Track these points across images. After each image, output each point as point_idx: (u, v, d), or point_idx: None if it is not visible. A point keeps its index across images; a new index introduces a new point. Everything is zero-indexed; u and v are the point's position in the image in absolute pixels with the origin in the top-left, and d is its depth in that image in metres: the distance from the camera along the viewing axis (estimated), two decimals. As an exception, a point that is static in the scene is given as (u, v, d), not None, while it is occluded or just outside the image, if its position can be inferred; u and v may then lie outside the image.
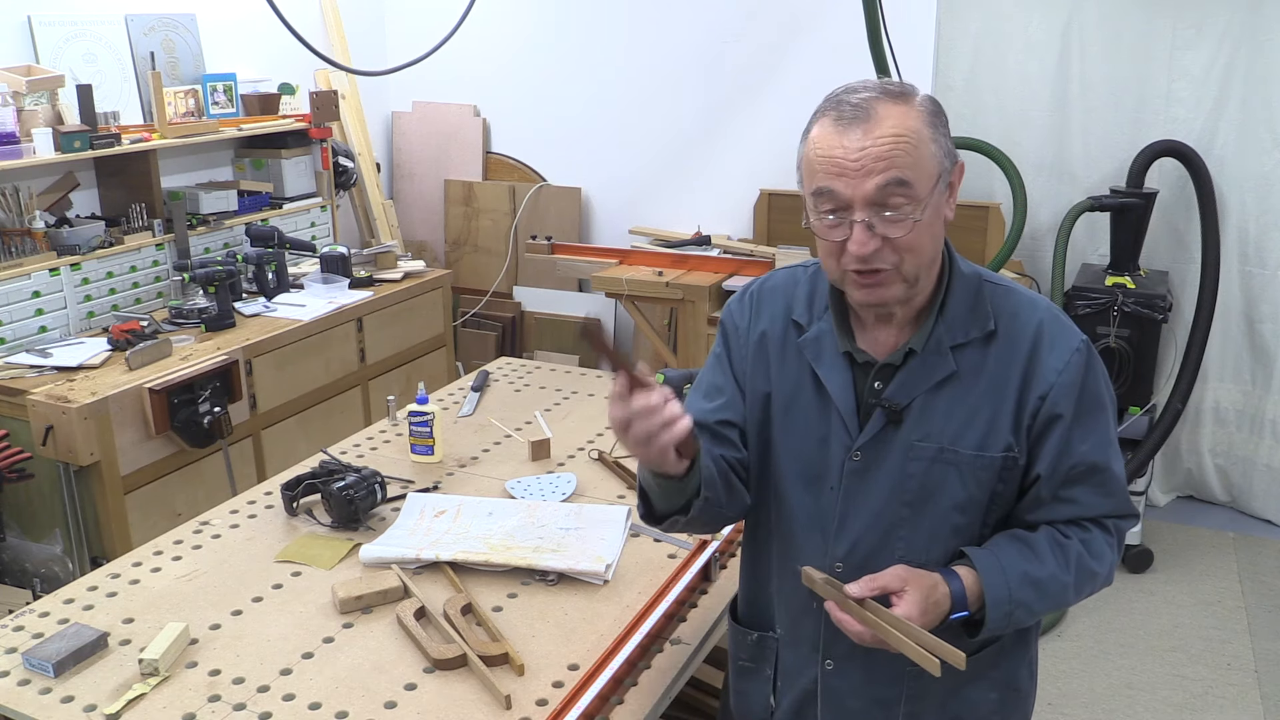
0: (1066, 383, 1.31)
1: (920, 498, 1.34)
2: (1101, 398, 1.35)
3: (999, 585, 1.29)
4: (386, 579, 1.80)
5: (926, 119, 1.25)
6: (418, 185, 5.25)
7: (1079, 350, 1.32)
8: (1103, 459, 1.34)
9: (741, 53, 4.43)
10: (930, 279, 1.33)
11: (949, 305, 1.34)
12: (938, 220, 1.28)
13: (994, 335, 1.33)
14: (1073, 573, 1.33)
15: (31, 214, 3.29)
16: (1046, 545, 1.34)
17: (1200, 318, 3.78)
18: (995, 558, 1.32)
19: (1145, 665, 3.19)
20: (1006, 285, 1.38)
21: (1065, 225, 3.77)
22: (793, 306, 1.44)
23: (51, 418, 2.78)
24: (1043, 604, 1.33)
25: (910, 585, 1.27)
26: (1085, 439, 1.32)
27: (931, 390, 1.33)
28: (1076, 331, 1.35)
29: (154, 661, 1.56)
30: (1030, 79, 4.06)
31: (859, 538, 1.37)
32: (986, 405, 1.32)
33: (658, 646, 1.68)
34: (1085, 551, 1.34)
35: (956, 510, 1.34)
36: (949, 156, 1.28)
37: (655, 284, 3.96)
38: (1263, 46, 3.71)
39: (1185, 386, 3.79)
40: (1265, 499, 4.08)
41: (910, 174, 1.22)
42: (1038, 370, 1.31)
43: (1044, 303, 1.38)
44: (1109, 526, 1.38)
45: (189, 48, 4.04)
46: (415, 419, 2.34)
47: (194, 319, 3.43)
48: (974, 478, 1.33)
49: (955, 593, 1.29)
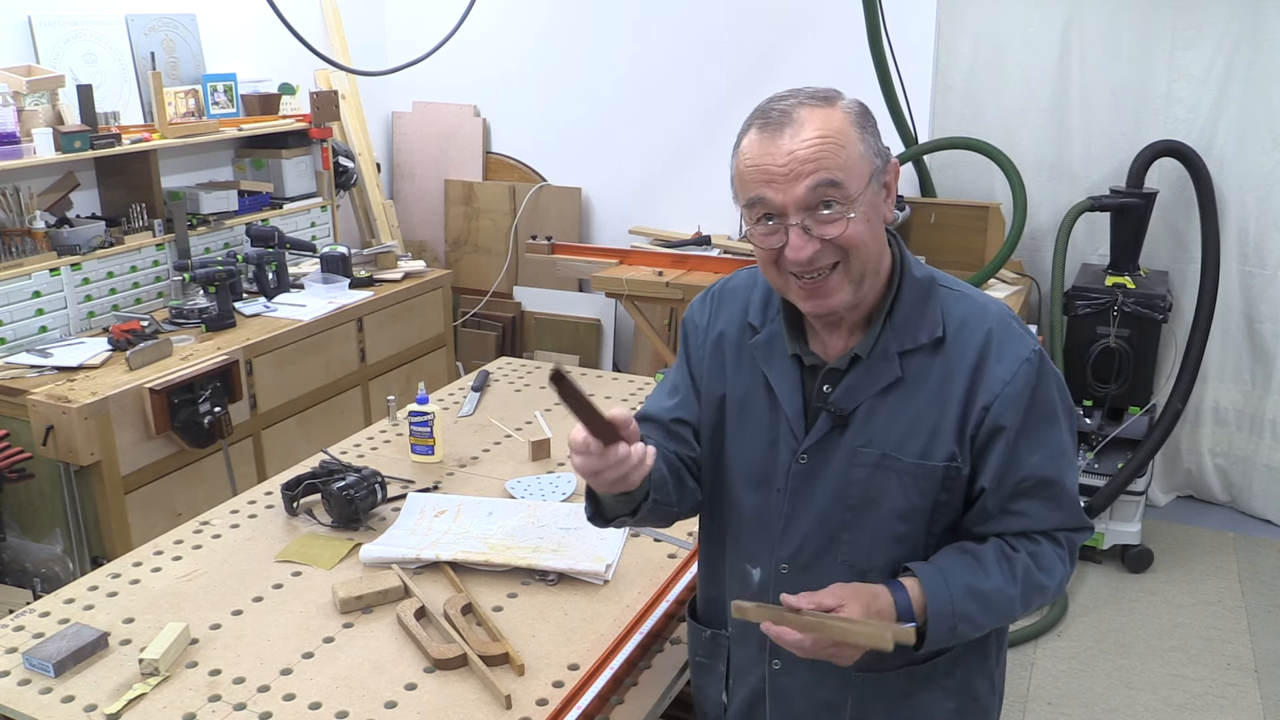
0: (1012, 394, 1.28)
1: (863, 503, 1.33)
2: (1053, 408, 1.32)
3: (942, 598, 1.28)
4: (386, 579, 1.80)
5: (853, 119, 1.25)
6: (418, 185, 5.25)
7: (1028, 360, 1.29)
8: (1053, 472, 1.31)
9: (742, 52, 4.43)
10: (878, 282, 1.32)
11: (897, 310, 1.32)
12: (876, 219, 1.27)
13: (942, 342, 1.31)
14: (1019, 586, 1.31)
15: (32, 214, 3.29)
16: (993, 558, 1.32)
17: (1200, 318, 3.77)
18: (939, 570, 1.30)
19: (1145, 665, 3.19)
20: (961, 290, 1.36)
21: (1065, 225, 3.77)
22: (749, 308, 1.44)
23: (52, 418, 2.79)
24: (987, 617, 1.31)
25: (848, 599, 1.26)
26: (1034, 451, 1.30)
27: (877, 396, 1.32)
28: (1029, 341, 1.31)
29: (154, 661, 1.56)
30: (1030, 79, 4.05)
31: (804, 540, 1.37)
32: (931, 413, 1.30)
33: (658, 646, 1.68)
34: (1033, 564, 1.32)
35: (898, 518, 1.33)
36: (880, 156, 1.27)
37: (655, 284, 3.96)
38: (1263, 46, 3.71)
39: (1185, 386, 3.79)
40: (1265, 499, 4.08)
41: (839, 174, 1.23)
42: (983, 380, 1.29)
43: (997, 309, 1.34)
44: (1060, 539, 1.35)
45: (189, 48, 4.04)
46: (415, 419, 2.34)
47: (194, 319, 3.43)
48: (915, 486, 1.31)
49: (900, 604, 1.28)
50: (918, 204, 4.02)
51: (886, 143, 1.31)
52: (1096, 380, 3.75)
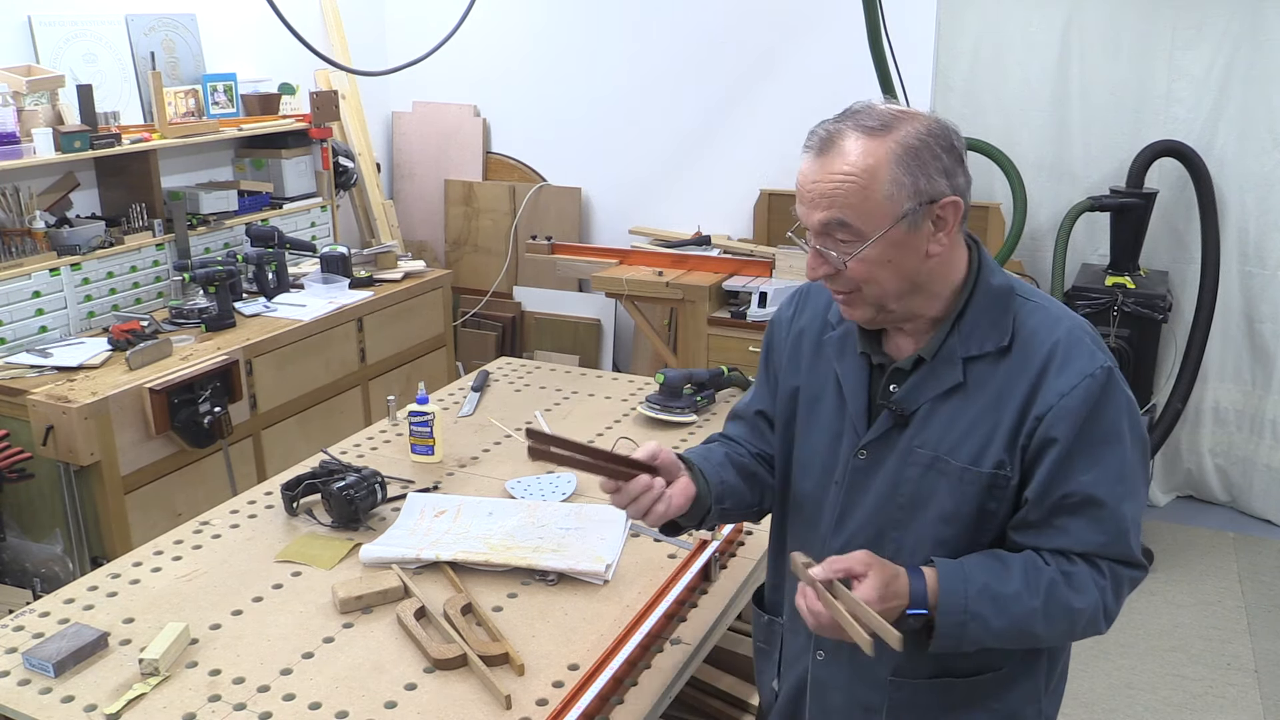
0: (1069, 407, 1.26)
1: (913, 503, 1.34)
2: (1118, 431, 1.27)
3: (956, 592, 1.26)
4: (386, 579, 1.80)
5: (897, 157, 1.23)
6: (418, 185, 5.25)
7: (1092, 376, 1.26)
8: (1105, 494, 1.27)
9: (741, 53, 4.43)
10: (940, 294, 1.33)
11: (966, 317, 1.33)
12: (905, 256, 1.27)
13: (1008, 351, 1.31)
14: (1041, 598, 1.27)
15: (32, 214, 3.29)
16: (1020, 565, 1.29)
17: (1200, 318, 3.78)
18: (960, 566, 1.29)
19: (1145, 665, 3.19)
20: (1038, 302, 1.35)
21: (1065, 225, 3.77)
22: (831, 306, 1.46)
23: (52, 418, 2.79)
24: (1002, 622, 1.27)
25: (873, 570, 1.25)
26: (1088, 469, 1.26)
27: (937, 399, 1.33)
28: (1100, 357, 1.28)
29: (154, 661, 1.56)
30: (1030, 79, 4.06)
31: (854, 534, 1.39)
32: (987, 420, 1.30)
33: (658, 646, 1.68)
34: (1062, 582, 1.28)
35: (943, 521, 1.33)
36: (918, 196, 1.24)
37: (655, 284, 3.96)
38: (1263, 46, 3.71)
39: (1185, 386, 3.79)
40: (1265, 499, 4.08)
41: (851, 215, 1.24)
42: (1041, 390, 1.28)
43: (1071, 323, 1.32)
44: (1101, 567, 1.29)
45: (189, 48, 4.04)
46: (415, 419, 2.34)
47: (194, 319, 3.43)
48: (961, 491, 1.31)
49: (915, 589, 1.27)
50: (918, 204, 4.02)
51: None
52: (1096, 380, 3.74)
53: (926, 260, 1.29)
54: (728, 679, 2.14)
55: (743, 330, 3.85)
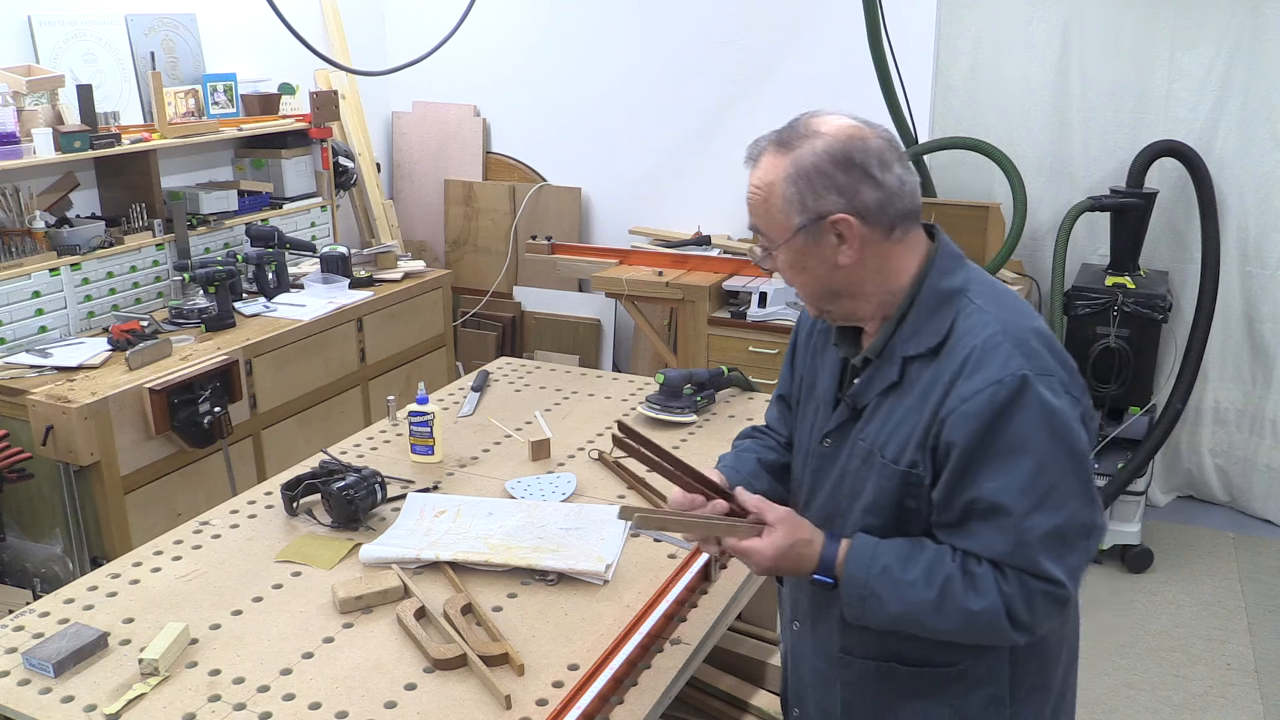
0: (969, 412, 1.26)
1: (851, 493, 1.41)
2: (1024, 439, 1.25)
3: (860, 566, 1.33)
4: (386, 579, 1.80)
5: (786, 176, 1.32)
6: (418, 185, 5.25)
7: (999, 384, 1.26)
8: (1010, 504, 1.26)
9: (742, 52, 4.43)
10: (865, 303, 1.39)
11: (909, 318, 1.37)
12: (815, 264, 1.35)
13: (939, 352, 1.33)
14: (935, 592, 1.28)
15: (31, 214, 3.29)
16: (927, 557, 1.31)
17: (1200, 318, 3.77)
18: (874, 544, 1.35)
19: (1145, 665, 3.19)
20: (981, 305, 1.34)
21: (1065, 225, 3.77)
22: None
23: (51, 418, 2.78)
24: (897, 606, 1.30)
25: (781, 527, 1.37)
26: (993, 477, 1.26)
27: (880, 395, 1.39)
28: (1013, 365, 1.26)
29: (154, 661, 1.56)
30: (1030, 79, 4.05)
31: (814, 515, 1.47)
32: (911, 418, 1.34)
33: (658, 646, 1.68)
34: (961, 580, 1.28)
35: (867, 512, 1.38)
36: (807, 212, 1.31)
37: (655, 284, 3.96)
38: (1263, 46, 3.71)
39: (1185, 386, 3.79)
40: (1265, 499, 4.08)
41: (760, 222, 1.37)
42: (951, 394, 1.29)
43: (1001, 327, 1.30)
44: (1008, 574, 1.28)
45: (189, 48, 4.04)
46: (415, 419, 2.33)
47: (194, 319, 3.43)
48: (881, 485, 1.36)
49: (826, 555, 1.36)
50: (918, 204, 4.01)
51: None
52: (1097, 380, 3.75)
53: (838, 270, 1.35)
54: (728, 679, 2.14)
55: (743, 330, 3.85)
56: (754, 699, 2.10)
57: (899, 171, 1.32)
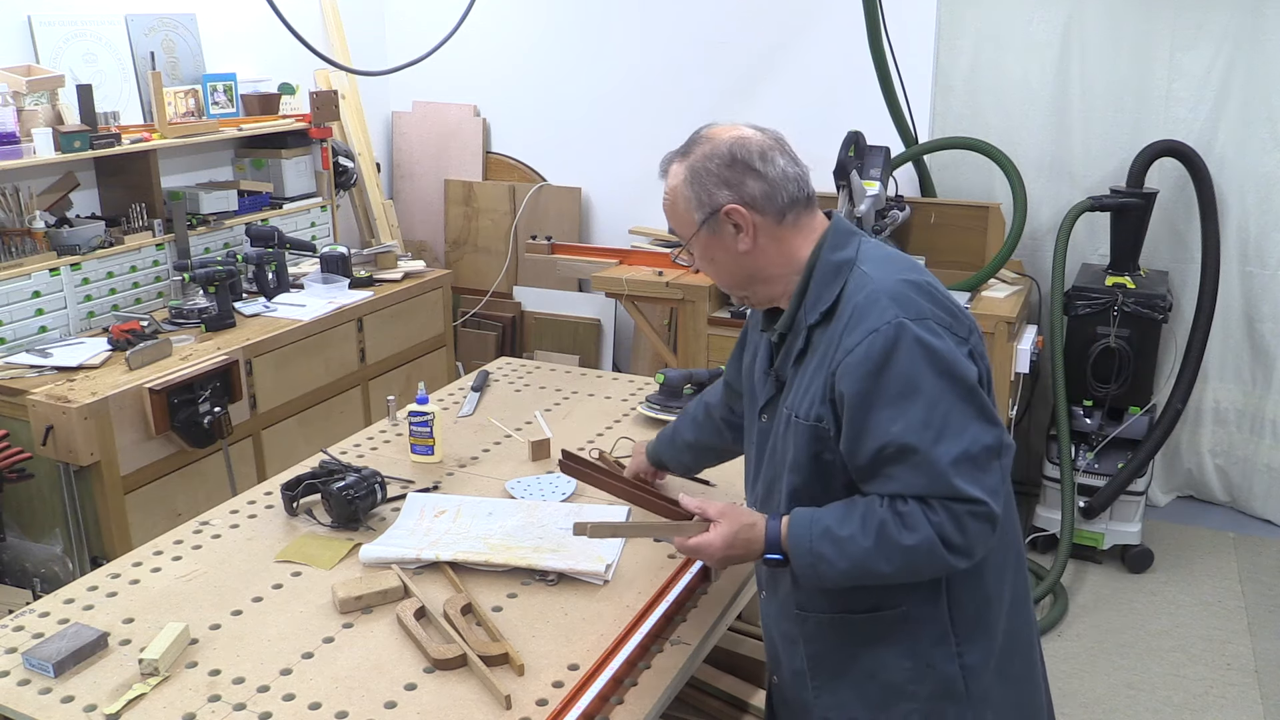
0: (852, 363, 1.39)
1: (782, 458, 1.53)
2: (913, 380, 1.36)
3: (802, 537, 1.43)
4: (386, 579, 1.80)
5: (683, 178, 1.50)
6: (418, 185, 5.25)
7: (876, 332, 1.38)
8: (916, 441, 1.35)
9: (742, 52, 4.43)
10: (782, 280, 1.53)
11: (809, 291, 1.50)
12: (721, 254, 1.52)
13: (831, 315, 1.47)
14: (873, 538, 1.38)
15: (31, 214, 3.29)
16: (860, 510, 1.41)
17: (1200, 318, 3.77)
18: (811, 513, 1.45)
19: (1145, 665, 3.19)
20: (865, 270, 1.47)
21: (1065, 225, 3.77)
22: None
23: (51, 418, 2.79)
24: (845, 563, 1.40)
25: (724, 519, 1.51)
26: (895, 420, 1.36)
27: (794, 364, 1.52)
28: (890, 314, 1.39)
29: (154, 661, 1.56)
30: (1030, 79, 4.05)
31: (758, 486, 1.62)
32: (816, 379, 1.46)
33: (658, 646, 1.68)
34: (893, 521, 1.37)
35: (791, 470, 1.50)
36: (703, 207, 1.49)
37: (655, 284, 3.96)
38: (1263, 46, 3.71)
39: (1185, 386, 3.79)
40: (1265, 499, 4.08)
41: (673, 223, 1.56)
42: (837, 348, 1.42)
43: (879, 285, 1.43)
44: (933, 504, 1.37)
45: (189, 48, 4.04)
46: (415, 419, 2.34)
47: (194, 319, 3.43)
48: (797, 444, 1.49)
49: (770, 534, 1.47)
50: (918, 204, 4.02)
51: (884, 142, 1.45)
52: (1097, 380, 3.75)
53: (743, 256, 1.51)
54: (728, 679, 2.14)
55: (743, 330, 3.84)
56: (754, 699, 2.10)
57: (782, 164, 1.48)
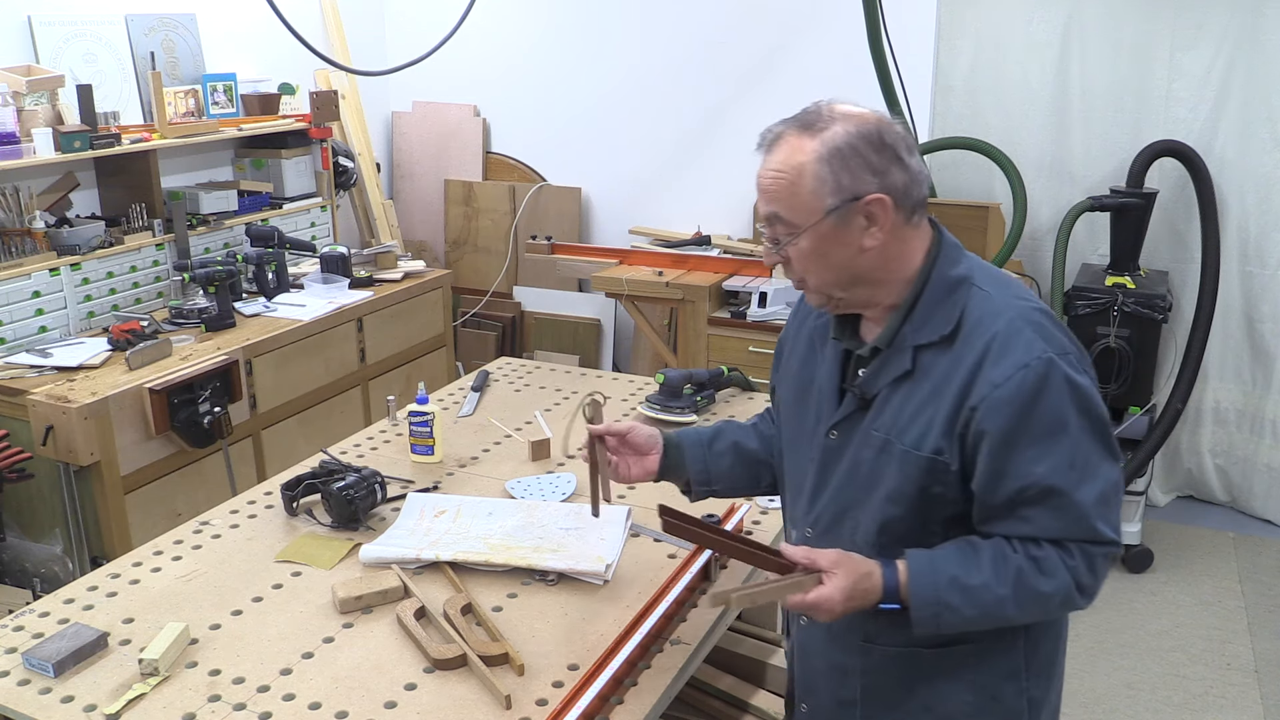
0: (1001, 398, 1.29)
1: (869, 483, 1.41)
2: (1061, 419, 1.30)
3: (926, 585, 1.32)
4: (386, 579, 1.79)
5: (823, 155, 1.31)
6: (418, 185, 5.25)
7: (1027, 368, 1.29)
8: (1061, 483, 1.29)
9: (742, 52, 4.43)
10: (893, 285, 1.39)
11: (919, 307, 1.38)
12: (838, 249, 1.35)
13: (953, 339, 1.35)
14: (1010, 587, 1.31)
15: (31, 214, 3.29)
16: (989, 555, 1.33)
17: (1200, 318, 3.78)
18: (930, 558, 1.34)
19: (1145, 665, 3.19)
20: (989, 291, 1.37)
21: (1065, 225, 3.77)
22: None
23: (51, 418, 2.78)
24: (973, 611, 1.32)
25: (839, 569, 1.34)
26: (1039, 461, 1.29)
27: (891, 385, 1.39)
28: (1036, 348, 1.30)
29: (154, 661, 1.56)
30: (1030, 79, 4.05)
31: (822, 511, 1.48)
32: (930, 406, 1.35)
33: (658, 646, 1.68)
34: (1030, 568, 1.31)
35: (889, 500, 1.38)
36: (842, 193, 1.32)
37: (655, 284, 3.96)
38: (1263, 46, 3.71)
39: (1185, 386, 3.79)
40: (1265, 499, 4.08)
41: (783, 209, 1.35)
42: (977, 381, 1.31)
43: (1016, 313, 1.34)
44: (1070, 549, 1.32)
45: (189, 48, 4.04)
46: (415, 419, 2.33)
47: (194, 319, 3.43)
48: (904, 472, 1.36)
49: (888, 583, 1.34)
50: (918, 204, 4.01)
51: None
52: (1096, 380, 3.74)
53: (862, 254, 1.36)
54: (728, 679, 2.14)
55: (743, 330, 3.85)
56: (754, 699, 2.10)
57: (918, 159, 1.37)
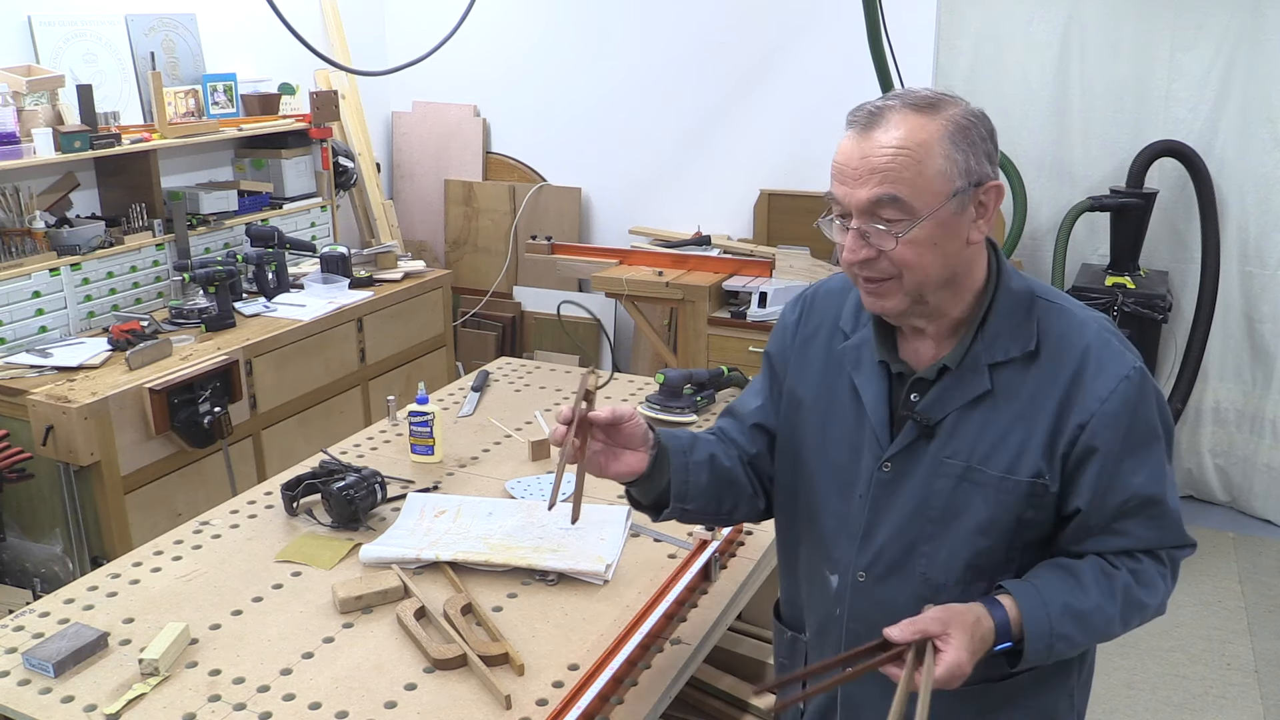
0: (1110, 412, 1.24)
1: (945, 515, 1.31)
2: (1154, 428, 1.27)
3: (1039, 618, 1.24)
4: (386, 579, 1.80)
5: (949, 133, 1.20)
6: (418, 185, 5.25)
7: (1127, 378, 1.25)
8: (1158, 491, 1.28)
9: (742, 52, 4.43)
10: (963, 294, 1.29)
11: (990, 322, 1.29)
12: (949, 239, 1.23)
13: (1036, 355, 1.28)
14: (1119, 604, 1.28)
15: (32, 214, 3.29)
16: (1092, 576, 1.28)
17: (1200, 318, 3.78)
18: (1035, 589, 1.26)
19: (1145, 665, 3.19)
20: (1060, 304, 1.32)
21: (1065, 225, 3.77)
22: (841, 314, 1.43)
23: (52, 418, 2.78)
24: (1086, 636, 1.28)
25: (953, 627, 1.20)
26: (1137, 471, 1.26)
27: (965, 407, 1.29)
28: (1129, 357, 1.27)
29: (154, 661, 1.56)
30: (1030, 79, 4.05)
31: (883, 549, 1.35)
32: (1020, 427, 1.27)
33: (658, 646, 1.68)
34: (1134, 582, 1.29)
35: (979, 532, 1.30)
36: (969, 176, 1.21)
37: (655, 284, 3.96)
38: (1263, 46, 3.71)
39: (1185, 386, 3.79)
40: (1265, 499, 4.08)
41: (904, 190, 1.19)
42: (1079, 396, 1.25)
43: (1096, 325, 1.30)
44: (1162, 557, 1.32)
45: (189, 48, 4.04)
46: (415, 419, 2.33)
47: (194, 319, 3.43)
48: (998, 500, 1.28)
49: (999, 624, 1.24)
50: (918, 204, 4.01)
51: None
52: (1096, 380, 3.75)
53: (967, 248, 1.25)
54: (728, 679, 2.14)
55: (743, 330, 3.85)
56: (754, 699, 2.10)
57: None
